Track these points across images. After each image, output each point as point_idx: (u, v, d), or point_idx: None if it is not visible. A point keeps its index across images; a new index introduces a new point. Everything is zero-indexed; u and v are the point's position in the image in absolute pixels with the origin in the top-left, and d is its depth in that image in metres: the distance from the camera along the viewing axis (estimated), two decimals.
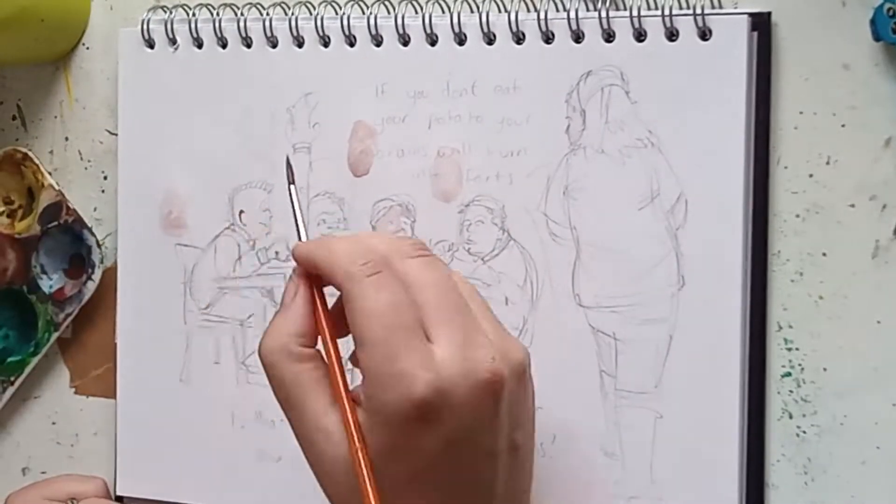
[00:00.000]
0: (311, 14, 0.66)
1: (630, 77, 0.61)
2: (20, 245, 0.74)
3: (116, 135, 0.72)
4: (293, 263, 0.57)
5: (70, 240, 0.74)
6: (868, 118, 0.59)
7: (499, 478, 0.55)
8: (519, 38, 0.63)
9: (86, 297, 0.73)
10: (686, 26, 0.60)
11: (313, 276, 0.57)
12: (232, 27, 0.68)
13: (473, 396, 0.53)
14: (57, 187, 0.73)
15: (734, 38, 0.59)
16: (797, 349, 0.60)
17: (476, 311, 0.56)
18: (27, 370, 0.74)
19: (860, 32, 0.58)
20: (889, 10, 0.57)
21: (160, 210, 0.70)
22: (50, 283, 0.74)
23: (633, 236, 0.61)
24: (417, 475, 0.54)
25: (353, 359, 0.55)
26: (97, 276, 0.72)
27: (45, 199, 0.73)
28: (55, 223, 0.73)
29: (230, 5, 0.69)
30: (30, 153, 0.74)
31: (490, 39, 0.63)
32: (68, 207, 0.73)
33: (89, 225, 0.73)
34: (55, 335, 0.74)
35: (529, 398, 0.57)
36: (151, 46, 0.70)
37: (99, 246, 0.73)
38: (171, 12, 0.69)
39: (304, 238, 0.59)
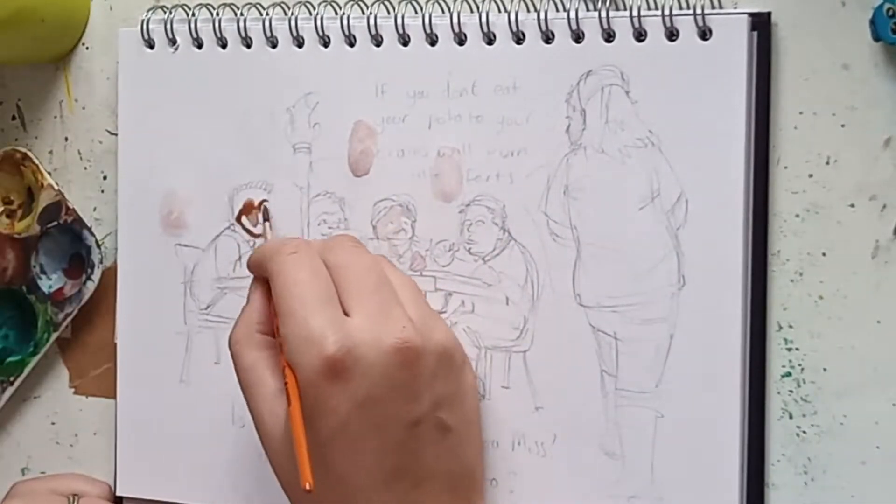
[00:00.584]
0: (310, 14, 0.66)
1: (630, 77, 0.61)
2: (20, 245, 0.74)
3: (116, 135, 0.72)
4: None
5: (70, 240, 0.74)
6: (868, 118, 0.59)
7: (426, 453, 0.59)
8: (519, 38, 0.63)
9: (85, 297, 0.73)
10: (686, 26, 0.60)
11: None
12: (232, 27, 0.68)
13: (383, 360, 0.57)
14: (56, 187, 0.73)
15: (734, 38, 0.59)
16: (797, 349, 0.60)
17: (402, 295, 0.60)
18: (27, 370, 0.74)
19: (860, 32, 0.58)
20: (888, 10, 0.57)
21: (160, 210, 0.70)
22: (49, 283, 0.74)
23: (633, 236, 0.61)
24: (336, 435, 0.58)
25: (277, 333, 0.60)
26: (97, 276, 0.72)
27: (44, 199, 0.73)
28: (55, 223, 0.73)
29: (230, 5, 0.69)
30: (29, 153, 0.74)
31: (490, 39, 0.63)
32: (68, 207, 0.73)
33: (89, 225, 0.73)
34: (55, 335, 0.74)
35: (463, 384, 0.61)
36: (151, 46, 0.70)
37: (98, 246, 0.73)
38: (170, 12, 0.69)
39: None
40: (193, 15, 0.69)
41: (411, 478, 0.59)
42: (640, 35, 0.61)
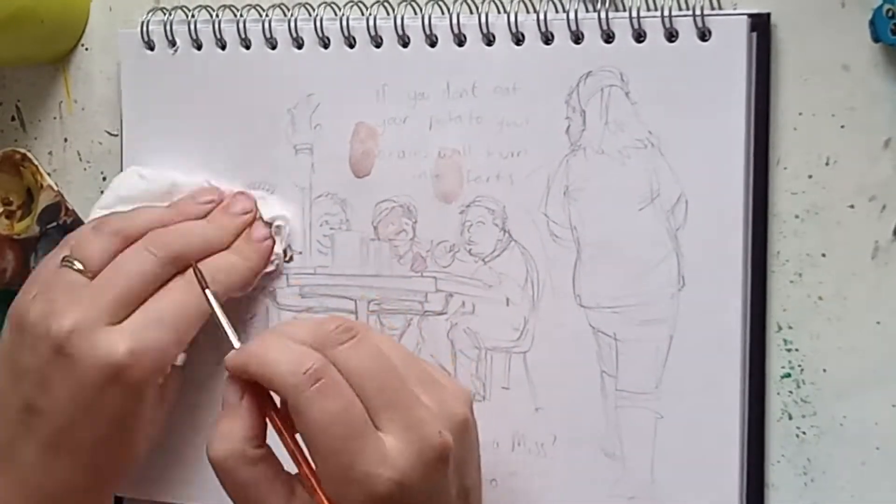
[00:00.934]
0: (310, 15, 0.66)
1: (630, 78, 0.61)
2: (19, 246, 0.74)
3: (116, 136, 0.72)
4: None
5: None
6: (867, 119, 0.59)
7: None
8: (518, 39, 0.63)
9: None
10: (685, 27, 0.60)
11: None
12: (231, 28, 0.68)
13: (427, 474, 0.55)
14: (56, 188, 0.73)
15: (734, 39, 0.59)
16: (797, 350, 0.60)
17: (412, 380, 0.57)
18: None
19: (859, 33, 0.58)
20: (888, 11, 0.57)
21: None
22: None
23: (633, 237, 0.61)
24: None
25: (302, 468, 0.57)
26: None
27: (44, 200, 0.73)
28: (54, 224, 0.73)
29: (230, 7, 0.69)
30: (29, 154, 0.74)
31: (490, 40, 0.63)
32: (67, 208, 0.73)
33: None
34: None
35: (474, 440, 0.59)
36: (151, 48, 0.70)
37: None
38: (170, 14, 0.69)
39: (235, 345, 0.59)
40: (193, 16, 0.69)
41: None
42: (639, 36, 0.61)
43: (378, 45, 0.65)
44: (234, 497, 0.57)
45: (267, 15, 0.67)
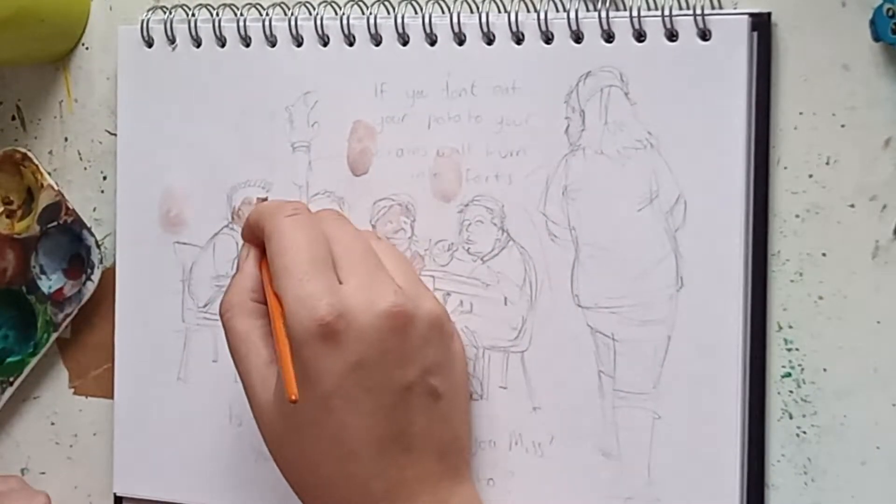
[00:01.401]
0: (310, 14, 0.66)
1: (629, 78, 0.61)
2: (20, 245, 0.74)
3: (116, 135, 0.72)
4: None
5: (69, 240, 0.74)
6: (868, 118, 0.58)
7: (417, 418, 0.60)
8: (518, 39, 0.63)
9: (85, 298, 0.73)
10: (686, 27, 0.60)
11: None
12: (231, 26, 0.68)
13: (375, 324, 0.59)
14: (56, 187, 0.73)
15: (734, 39, 0.59)
16: (797, 349, 0.60)
17: (390, 265, 0.62)
18: (26, 371, 0.74)
19: (860, 33, 0.58)
20: (889, 10, 0.57)
21: (159, 209, 0.70)
22: (49, 283, 0.74)
23: (632, 237, 0.61)
24: (329, 396, 0.59)
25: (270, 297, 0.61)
26: (96, 276, 0.72)
27: (44, 200, 0.73)
28: (54, 223, 0.73)
29: (230, 6, 0.69)
30: (29, 153, 0.74)
31: (490, 39, 0.63)
32: (67, 208, 0.73)
33: (88, 225, 0.73)
34: (54, 335, 0.74)
35: (453, 352, 0.62)
36: (150, 45, 0.70)
37: (98, 246, 0.73)
38: (170, 12, 0.69)
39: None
40: (193, 15, 0.69)
41: (403, 443, 0.60)
42: (639, 36, 0.61)
43: (378, 44, 0.65)
44: (231, 347, 0.62)
45: (267, 14, 0.67)
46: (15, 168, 0.74)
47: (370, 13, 0.65)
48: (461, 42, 0.64)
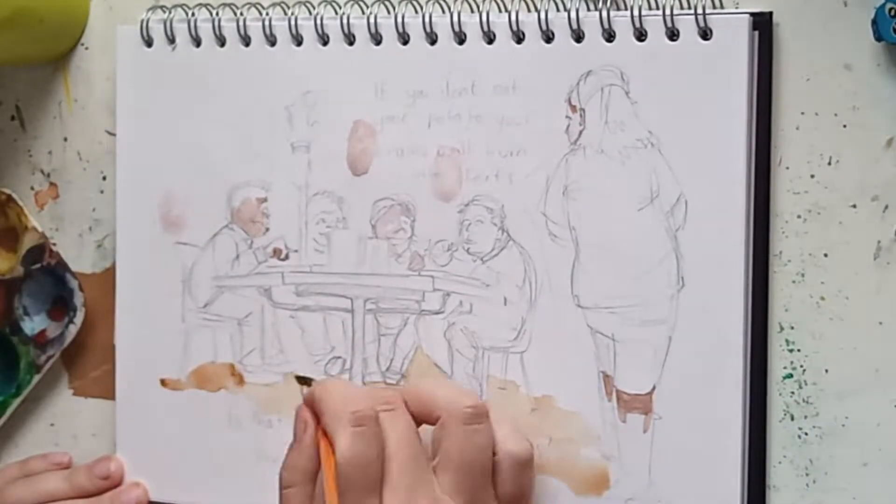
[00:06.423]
0: (310, 14, 0.66)
1: (630, 77, 0.61)
2: (3, 286, 0.73)
3: (115, 135, 0.72)
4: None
5: (53, 282, 0.73)
6: (869, 118, 0.58)
7: None
8: (519, 38, 0.63)
9: (67, 340, 0.72)
10: (687, 26, 0.60)
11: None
12: (231, 26, 0.68)
13: None
14: (40, 230, 0.73)
15: (735, 38, 0.59)
16: (798, 350, 0.60)
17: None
18: (8, 412, 0.74)
19: (862, 32, 0.58)
20: (890, 10, 0.57)
21: (159, 209, 0.70)
22: (32, 324, 0.73)
23: (632, 237, 0.61)
24: None
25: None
26: (79, 319, 0.72)
27: (28, 241, 0.73)
28: (38, 265, 0.72)
29: (230, 5, 0.69)
30: (13, 195, 0.73)
31: (490, 39, 0.63)
32: (51, 250, 0.72)
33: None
34: (37, 377, 0.73)
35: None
36: (150, 45, 0.70)
37: (81, 290, 0.72)
38: (170, 12, 0.69)
39: None
40: (193, 15, 0.69)
41: None
42: (640, 35, 0.61)
43: (378, 43, 0.65)
44: None
45: (267, 14, 0.67)
46: None
47: (370, 13, 0.65)
48: (461, 41, 0.64)
